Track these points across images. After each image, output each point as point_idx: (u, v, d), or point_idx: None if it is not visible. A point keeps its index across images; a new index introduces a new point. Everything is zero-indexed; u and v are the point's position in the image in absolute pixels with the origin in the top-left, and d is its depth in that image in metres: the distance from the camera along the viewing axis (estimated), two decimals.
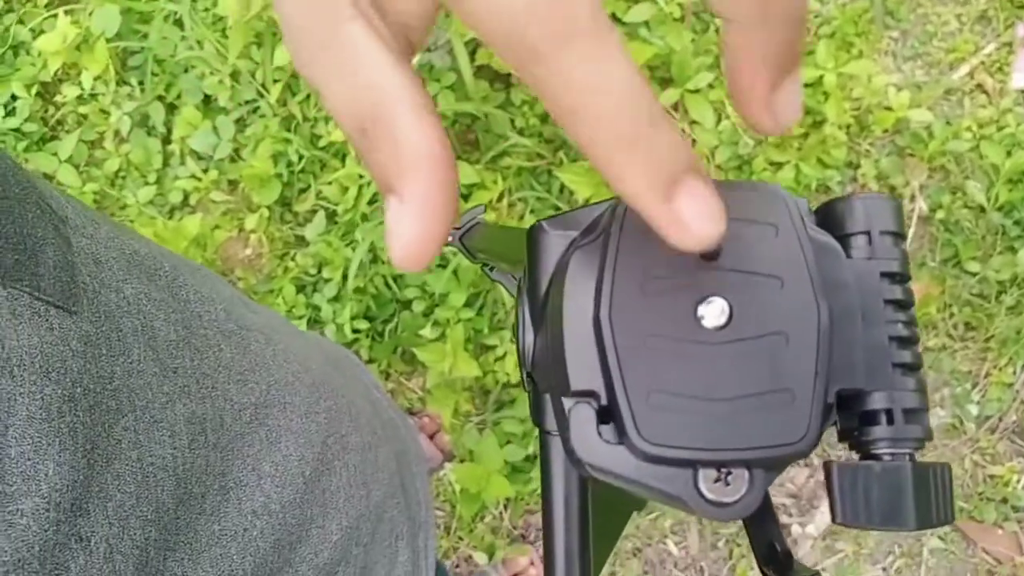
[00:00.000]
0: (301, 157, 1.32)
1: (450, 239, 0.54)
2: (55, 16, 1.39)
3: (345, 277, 1.29)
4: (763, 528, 0.24)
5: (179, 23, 1.40)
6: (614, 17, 1.27)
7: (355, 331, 1.30)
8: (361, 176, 1.27)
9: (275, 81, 1.31)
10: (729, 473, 0.17)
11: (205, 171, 1.41)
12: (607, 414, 0.18)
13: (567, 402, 0.19)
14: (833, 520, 0.19)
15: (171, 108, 1.44)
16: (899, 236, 0.20)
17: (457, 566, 1.33)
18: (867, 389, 0.19)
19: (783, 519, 1.35)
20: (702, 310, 0.17)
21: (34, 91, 1.43)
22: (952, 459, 1.33)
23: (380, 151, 0.16)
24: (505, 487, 1.22)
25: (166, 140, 1.44)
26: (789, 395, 0.17)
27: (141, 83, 1.44)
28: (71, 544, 0.24)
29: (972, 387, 1.34)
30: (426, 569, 0.54)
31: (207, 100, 1.41)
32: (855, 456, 0.19)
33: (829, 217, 0.20)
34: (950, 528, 1.32)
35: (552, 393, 0.20)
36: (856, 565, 1.30)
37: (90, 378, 0.26)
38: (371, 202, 1.29)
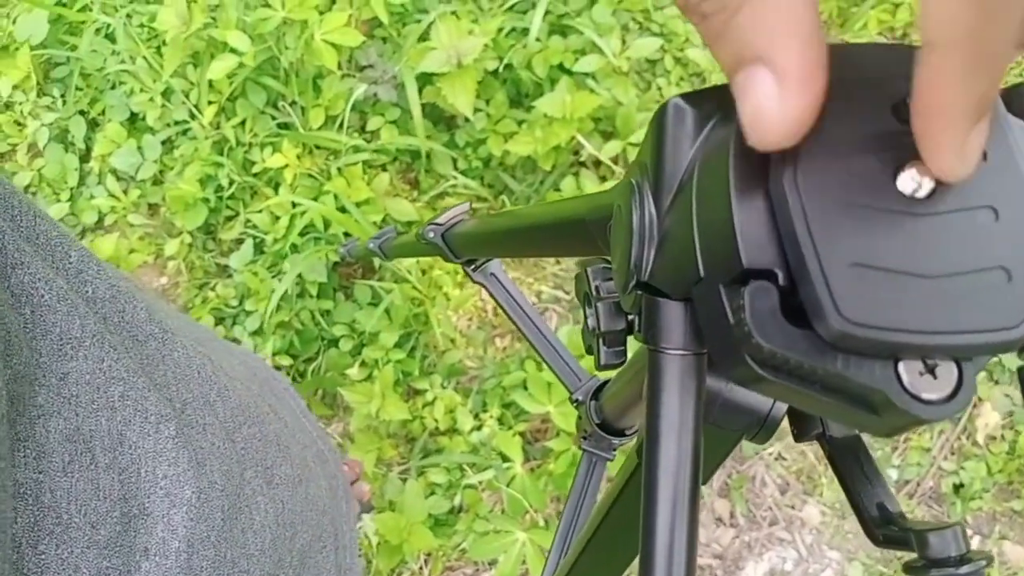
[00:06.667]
0: (232, 182, 1.27)
1: (431, 235, 0.53)
2: None
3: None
4: (870, 488, 0.22)
5: (111, 36, 1.34)
6: (561, 68, 1.28)
7: (276, 368, 1.23)
8: (295, 205, 1.23)
9: (209, 103, 1.26)
10: (936, 365, 0.15)
11: (125, 192, 1.33)
12: (786, 297, 0.16)
13: (728, 291, 0.17)
14: None
15: (93, 124, 1.36)
16: None
17: None
18: None
19: None
20: (903, 178, 0.15)
21: None
22: None
23: (742, 15, 0.14)
24: (428, 539, 1.16)
25: (84, 157, 1.35)
26: (1004, 274, 0.15)
27: (63, 95, 1.36)
28: None
29: (892, 450, 1.36)
30: None
31: (132, 118, 1.34)
32: None
33: (1016, 103, 0.19)
34: None
35: (699, 290, 0.18)
36: None
37: None
38: (303, 233, 1.24)
